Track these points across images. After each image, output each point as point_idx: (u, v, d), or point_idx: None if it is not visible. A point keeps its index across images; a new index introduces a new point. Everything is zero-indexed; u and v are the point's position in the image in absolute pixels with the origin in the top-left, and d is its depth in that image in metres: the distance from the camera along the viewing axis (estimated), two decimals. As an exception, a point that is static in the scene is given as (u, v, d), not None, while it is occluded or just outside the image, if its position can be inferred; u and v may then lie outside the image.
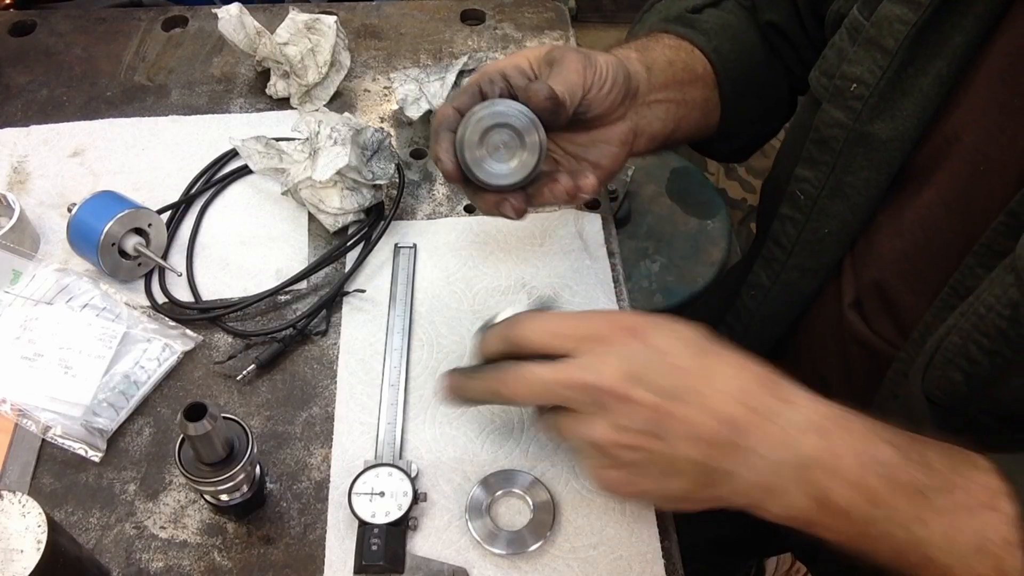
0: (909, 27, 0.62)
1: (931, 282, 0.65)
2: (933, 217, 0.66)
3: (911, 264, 0.68)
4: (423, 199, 0.90)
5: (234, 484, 0.62)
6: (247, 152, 0.87)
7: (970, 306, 0.58)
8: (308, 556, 0.66)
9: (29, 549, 0.49)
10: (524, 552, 0.65)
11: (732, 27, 0.81)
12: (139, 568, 0.65)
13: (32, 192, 0.89)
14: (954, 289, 0.62)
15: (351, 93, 1.01)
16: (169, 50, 1.06)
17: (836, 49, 0.69)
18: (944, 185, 0.64)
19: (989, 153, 0.61)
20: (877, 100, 0.65)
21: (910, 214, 0.68)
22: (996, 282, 0.56)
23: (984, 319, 0.56)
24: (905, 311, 0.69)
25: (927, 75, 0.63)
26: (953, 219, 0.64)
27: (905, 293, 0.69)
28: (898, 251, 0.69)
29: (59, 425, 0.70)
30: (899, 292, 0.69)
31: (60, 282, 0.77)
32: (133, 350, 0.75)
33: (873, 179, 0.68)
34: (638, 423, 0.50)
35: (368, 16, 1.12)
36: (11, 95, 1.00)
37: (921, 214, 0.66)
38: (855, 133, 0.67)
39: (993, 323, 0.56)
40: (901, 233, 0.68)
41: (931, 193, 0.65)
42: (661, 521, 0.67)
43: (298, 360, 0.77)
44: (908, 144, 0.66)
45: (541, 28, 1.10)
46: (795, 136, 0.77)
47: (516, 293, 0.81)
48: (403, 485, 0.66)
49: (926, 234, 0.66)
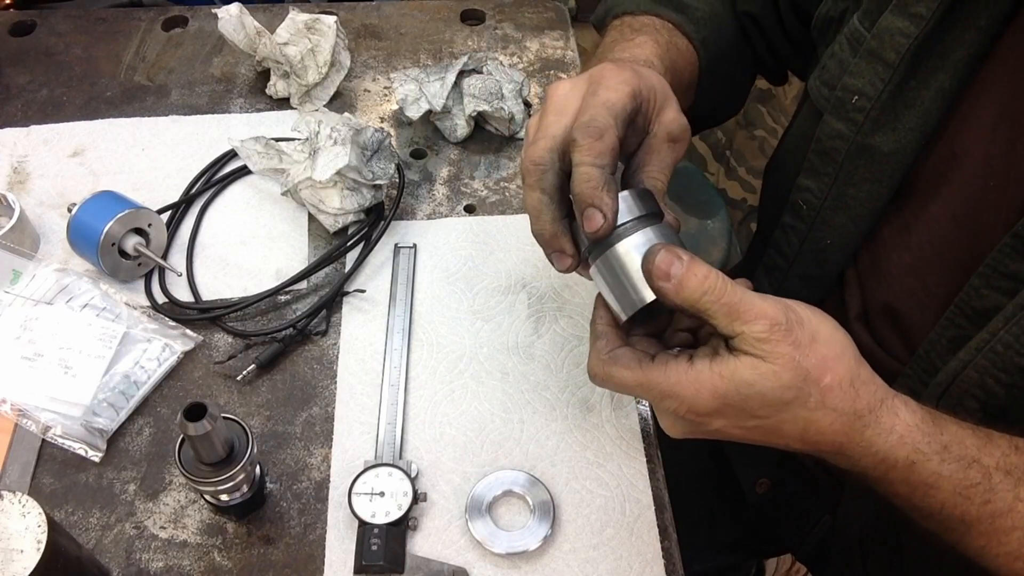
0: (911, 40, 0.62)
1: (939, 299, 0.65)
2: (942, 233, 0.65)
3: (920, 280, 0.67)
4: (423, 199, 0.90)
5: (234, 484, 0.62)
6: (246, 152, 0.87)
7: (986, 342, 0.58)
8: (308, 556, 0.66)
9: (29, 549, 0.49)
10: (524, 552, 0.65)
11: (719, 16, 0.81)
12: (139, 568, 0.65)
13: (32, 192, 0.89)
14: (960, 309, 0.62)
15: (351, 93, 1.01)
16: (169, 50, 1.06)
17: (837, 60, 0.68)
18: (952, 200, 0.64)
19: (999, 169, 0.60)
20: (879, 113, 0.65)
21: (918, 229, 0.67)
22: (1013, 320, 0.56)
23: (1002, 356, 0.57)
24: (912, 328, 0.69)
25: (929, 88, 0.63)
26: (962, 235, 0.63)
27: (913, 309, 0.68)
28: (906, 267, 0.68)
29: (59, 425, 0.70)
30: (907, 308, 0.69)
31: (60, 282, 0.77)
32: (133, 350, 0.75)
33: (875, 191, 0.68)
34: None
35: (368, 16, 1.12)
36: (11, 95, 1.00)
37: (930, 229, 0.66)
38: (857, 145, 0.67)
39: (1012, 360, 0.56)
40: (909, 248, 0.68)
41: (938, 208, 0.65)
42: (661, 521, 0.67)
43: (298, 360, 0.77)
44: (910, 157, 0.65)
45: (541, 28, 1.10)
46: (797, 145, 0.77)
47: (516, 293, 0.81)
48: (403, 485, 0.66)
49: (935, 249, 0.66)
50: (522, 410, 0.73)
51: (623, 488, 0.69)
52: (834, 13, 0.71)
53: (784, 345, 0.48)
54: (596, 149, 0.53)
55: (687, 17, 0.78)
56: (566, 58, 1.06)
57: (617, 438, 0.72)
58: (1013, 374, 0.57)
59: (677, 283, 0.49)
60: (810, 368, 0.49)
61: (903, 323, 0.70)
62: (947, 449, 0.51)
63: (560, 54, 1.07)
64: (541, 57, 1.06)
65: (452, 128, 0.94)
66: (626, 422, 0.73)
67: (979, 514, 0.51)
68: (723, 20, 0.81)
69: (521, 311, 0.80)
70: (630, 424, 0.73)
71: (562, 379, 0.75)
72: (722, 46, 0.80)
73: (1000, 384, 0.57)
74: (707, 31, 0.78)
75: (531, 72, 1.04)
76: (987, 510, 0.51)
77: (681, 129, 0.58)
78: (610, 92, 0.55)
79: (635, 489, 0.69)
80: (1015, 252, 0.57)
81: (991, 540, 0.52)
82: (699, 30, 0.78)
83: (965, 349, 0.60)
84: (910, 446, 0.51)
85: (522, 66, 1.05)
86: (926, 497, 0.52)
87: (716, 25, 0.80)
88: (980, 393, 0.59)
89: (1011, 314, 0.56)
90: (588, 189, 0.52)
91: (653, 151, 0.58)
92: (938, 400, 0.62)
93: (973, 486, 0.51)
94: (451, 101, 0.93)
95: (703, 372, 0.50)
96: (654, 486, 0.69)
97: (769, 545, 1.05)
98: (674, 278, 0.49)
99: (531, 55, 1.07)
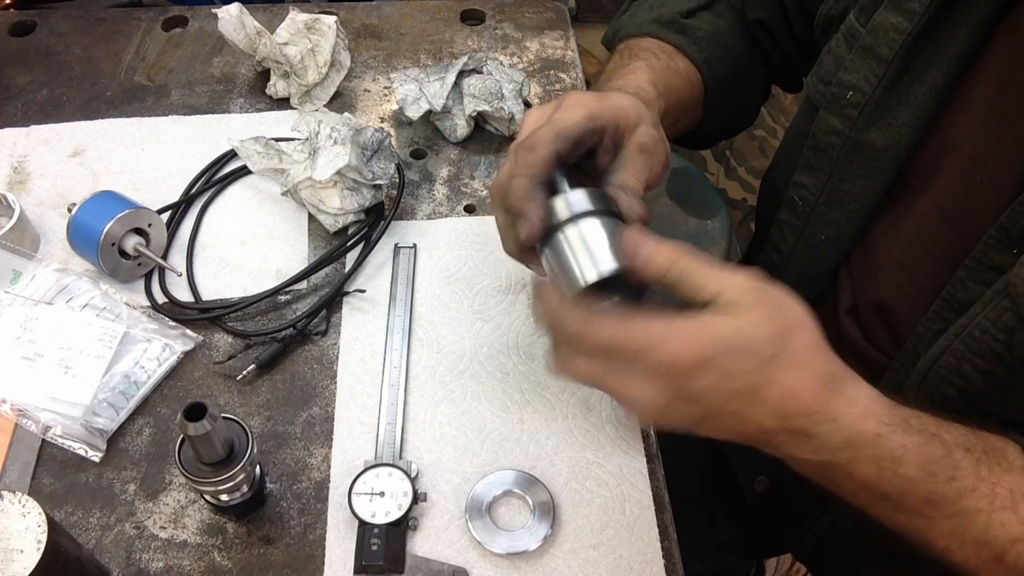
0: (904, 36, 0.62)
1: (927, 293, 0.65)
2: (930, 227, 0.65)
3: (908, 274, 0.68)
4: (423, 199, 0.90)
5: (234, 484, 0.62)
6: (246, 153, 0.87)
7: (964, 328, 0.58)
8: (308, 556, 0.66)
9: (29, 549, 0.49)
10: (524, 552, 0.65)
11: (723, 34, 0.82)
12: (139, 568, 0.65)
13: (32, 192, 0.89)
14: (946, 302, 0.62)
15: (351, 93, 1.01)
16: (169, 50, 1.06)
17: (833, 56, 0.69)
18: (940, 194, 0.64)
19: (986, 163, 0.61)
20: (873, 108, 0.65)
21: (906, 224, 0.68)
22: (991, 306, 0.56)
23: (979, 341, 0.57)
24: (900, 322, 0.69)
25: (922, 84, 0.63)
26: (950, 230, 0.64)
27: (901, 304, 0.69)
28: (895, 261, 0.69)
29: (59, 425, 0.70)
30: (895, 303, 0.69)
31: (60, 282, 0.77)
32: (133, 350, 0.75)
33: (869, 187, 0.68)
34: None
35: (368, 16, 1.12)
36: (11, 95, 1.00)
37: (919, 224, 0.66)
38: (851, 141, 0.67)
39: (988, 346, 0.56)
40: (898, 243, 0.68)
41: (927, 202, 0.65)
42: (661, 521, 0.67)
43: (298, 360, 0.77)
44: (904, 153, 0.66)
45: (541, 28, 1.10)
46: (793, 141, 0.77)
47: (516, 293, 0.81)
48: (403, 485, 0.66)
49: (923, 244, 0.66)
50: (522, 410, 0.74)
51: (623, 488, 0.69)
52: (835, 12, 0.71)
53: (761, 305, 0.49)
54: (526, 160, 0.57)
55: (688, 38, 0.79)
56: (566, 58, 1.06)
57: (617, 438, 0.72)
58: (989, 359, 0.56)
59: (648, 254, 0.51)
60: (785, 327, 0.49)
61: (891, 317, 0.70)
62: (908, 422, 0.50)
63: (560, 54, 1.07)
64: (541, 57, 1.06)
65: (452, 128, 0.94)
66: (626, 422, 0.73)
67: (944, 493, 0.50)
68: (728, 37, 0.82)
69: (521, 311, 0.80)
70: (630, 424, 0.73)
71: (562, 379, 0.75)
72: (728, 63, 0.81)
73: (976, 370, 0.57)
74: (710, 50, 0.79)
75: (531, 72, 1.04)
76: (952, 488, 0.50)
77: (652, 140, 0.61)
78: (562, 114, 0.59)
79: (635, 489, 0.69)
80: (1000, 245, 0.57)
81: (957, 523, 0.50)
82: (701, 50, 0.79)
83: (944, 335, 0.60)
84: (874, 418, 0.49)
85: (522, 66, 1.05)
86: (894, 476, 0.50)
87: (720, 43, 0.80)
88: (958, 379, 0.59)
89: (988, 300, 0.57)
90: (514, 199, 0.57)
91: (626, 160, 0.60)
92: (917, 387, 0.62)
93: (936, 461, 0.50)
94: (451, 101, 0.93)
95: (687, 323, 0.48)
96: (654, 486, 0.69)
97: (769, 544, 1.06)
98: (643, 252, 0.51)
99: (531, 55, 1.07)
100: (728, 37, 0.82)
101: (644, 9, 0.84)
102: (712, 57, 0.79)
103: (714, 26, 0.81)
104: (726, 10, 0.84)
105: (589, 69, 1.27)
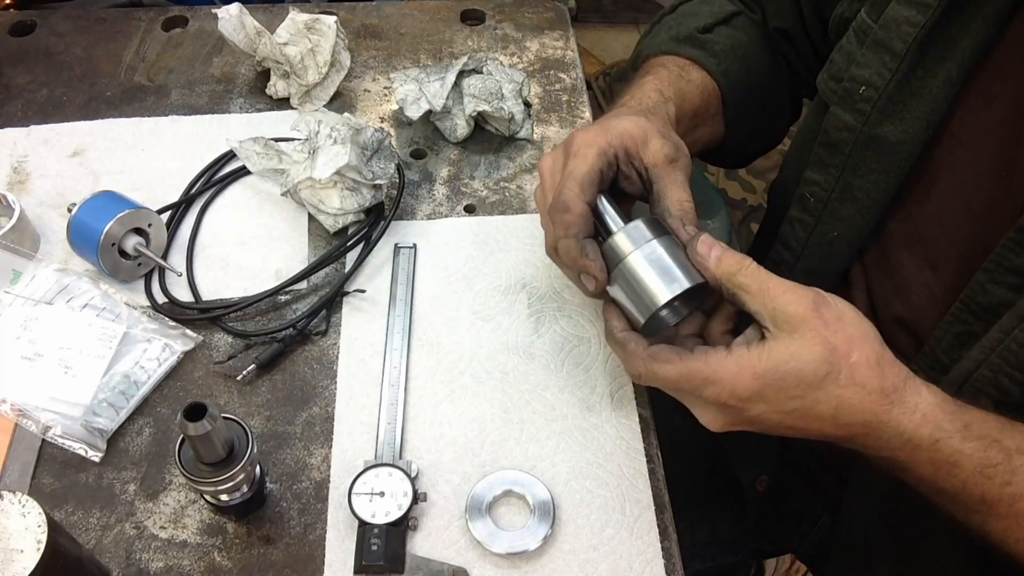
0: (917, 29, 0.62)
1: (947, 292, 0.65)
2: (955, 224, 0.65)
3: (927, 273, 0.68)
4: (423, 199, 0.90)
5: (234, 484, 0.62)
6: (245, 153, 0.87)
7: (999, 341, 0.58)
8: (308, 556, 0.66)
9: (29, 549, 0.49)
10: (524, 552, 0.65)
11: (742, 46, 0.82)
12: (139, 568, 0.65)
13: (32, 192, 0.89)
14: (965, 304, 0.62)
15: (351, 93, 1.01)
16: (169, 50, 1.06)
17: (844, 52, 0.69)
18: (955, 192, 0.64)
19: (1008, 159, 0.60)
20: (886, 102, 0.65)
21: (924, 221, 0.67)
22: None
23: (1016, 355, 0.57)
24: (918, 323, 0.69)
25: (936, 77, 0.63)
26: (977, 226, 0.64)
27: (919, 304, 0.68)
28: (912, 260, 0.69)
29: (59, 425, 0.70)
30: (914, 303, 0.69)
31: (60, 282, 0.77)
32: (133, 350, 0.75)
33: (882, 182, 0.68)
34: None
35: (368, 16, 1.12)
36: (11, 95, 1.00)
37: (943, 221, 0.66)
38: (864, 136, 0.67)
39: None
40: (915, 241, 0.68)
41: (946, 199, 0.65)
42: (661, 521, 0.67)
43: (298, 360, 0.77)
44: (918, 147, 0.65)
45: (541, 28, 1.10)
46: (804, 139, 0.77)
47: (516, 293, 0.81)
48: (403, 485, 0.66)
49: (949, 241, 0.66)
50: (522, 410, 0.73)
51: (623, 488, 0.69)
52: (850, 14, 0.71)
53: (814, 320, 0.52)
54: (565, 222, 0.61)
55: (705, 52, 0.80)
56: (566, 58, 1.06)
57: (617, 438, 0.72)
58: None
59: (717, 257, 0.56)
60: (838, 344, 0.52)
61: (909, 318, 0.70)
62: (968, 428, 0.53)
63: (560, 54, 1.07)
64: (541, 57, 1.06)
65: (452, 128, 0.94)
66: (626, 422, 0.73)
67: (999, 495, 0.52)
68: (748, 49, 0.82)
69: (521, 311, 0.80)
70: (630, 424, 0.73)
71: (562, 379, 0.75)
72: (748, 75, 0.81)
73: (1015, 383, 0.58)
74: (728, 62, 0.80)
75: (531, 72, 1.04)
76: (1007, 492, 0.52)
77: (673, 148, 0.64)
78: (576, 161, 0.62)
79: (635, 489, 0.69)
80: (1019, 247, 0.57)
81: (1011, 523, 0.53)
82: (719, 62, 0.79)
83: (977, 347, 0.60)
84: (933, 424, 0.52)
85: (522, 66, 1.05)
86: (949, 477, 0.53)
87: (739, 55, 0.81)
88: (994, 392, 0.59)
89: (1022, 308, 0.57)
90: (570, 260, 0.61)
91: (662, 178, 0.63)
92: None
93: (994, 466, 0.52)
94: (451, 101, 0.93)
95: (742, 356, 0.53)
96: (654, 486, 0.69)
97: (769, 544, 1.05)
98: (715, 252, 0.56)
99: (531, 55, 1.07)
100: (747, 49, 0.82)
101: (664, 29, 0.85)
102: (731, 69, 0.80)
103: (732, 39, 0.81)
104: (745, 24, 0.84)
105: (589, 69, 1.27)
